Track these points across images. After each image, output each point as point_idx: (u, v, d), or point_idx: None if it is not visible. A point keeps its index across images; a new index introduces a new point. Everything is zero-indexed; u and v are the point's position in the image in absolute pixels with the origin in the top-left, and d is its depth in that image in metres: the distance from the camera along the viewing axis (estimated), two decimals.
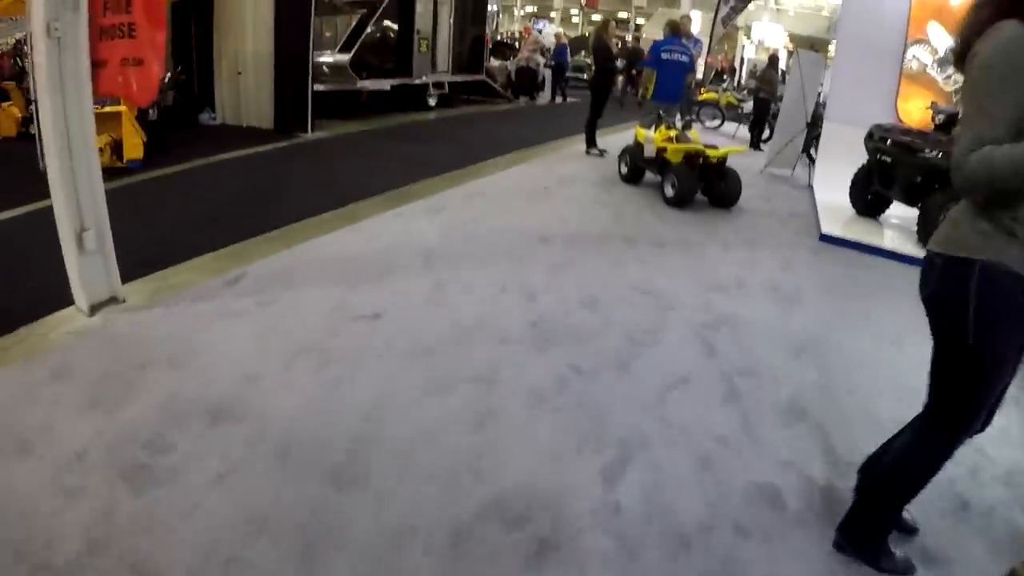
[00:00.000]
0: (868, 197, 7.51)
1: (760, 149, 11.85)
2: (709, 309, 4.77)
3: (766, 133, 12.57)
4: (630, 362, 3.86)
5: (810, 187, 9.03)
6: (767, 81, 12.38)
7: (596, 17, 32.08)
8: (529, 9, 38.91)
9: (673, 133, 7.50)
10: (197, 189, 6.85)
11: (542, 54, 17.66)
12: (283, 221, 5.72)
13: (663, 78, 8.43)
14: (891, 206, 7.55)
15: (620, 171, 8.14)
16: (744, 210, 7.53)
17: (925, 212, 6.73)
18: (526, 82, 16.42)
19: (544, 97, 16.79)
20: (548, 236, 5.86)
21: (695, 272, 5.48)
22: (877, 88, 9.21)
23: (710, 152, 7.16)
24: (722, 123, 13.85)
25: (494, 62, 17.49)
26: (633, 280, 5.13)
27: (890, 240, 7.05)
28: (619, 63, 9.23)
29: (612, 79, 9.02)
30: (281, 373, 3.34)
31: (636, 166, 7.89)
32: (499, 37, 24.66)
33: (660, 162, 7.48)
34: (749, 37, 28.33)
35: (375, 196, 6.66)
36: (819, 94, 10.25)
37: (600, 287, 4.91)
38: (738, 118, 13.73)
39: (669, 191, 7.19)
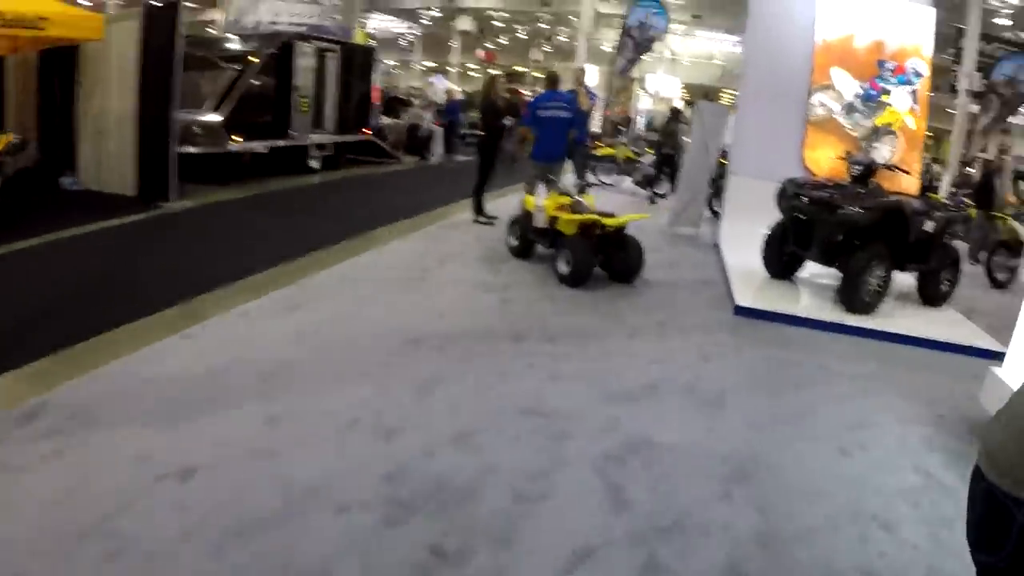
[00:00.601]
0: (783, 258, 6.80)
1: (654, 203, 11.32)
2: (615, 431, 3.76)
3: (666, 188, 12.01)
4: (513, 532, 2.81)
5: (716, 246, 8.33)
6: (669, 134, 11.88)
7: (495, 72, 31.94)
8: (429, 64, 38.46)
9: (566, 200, 6.60)
10: (17, 277, 5.45)
11: (436, 111, 16.82)
12: (109, 323, 4.45)
13: (543, 136, 7.59)
14: (805, 264, 6.87)
15: (509, 244, 7.17)
16: (648, 283, 6.67)
17: (848, 274, 6.01)
18: (416, 141, 15.48)
19: (437, 156, 15.90)
20: (420, 337, 4.77)
21: (596, 376, 4.48)
22: (782, 137, 8.71)
23: (608, 221, 6.28)
24: (619, 179, 13.25)
25: (387, 120, 16.51)
26: (520, 397, 4.06)
27: (811, 306, 6.32)
28: (508, 121, 8.26)
29: (501, 139, 8.10)
30: None
31: (526, 238, 6.94)
32: (394, 93, 23.81)
33: (552, 234, 6.56)
34: (644, 88, 28.56)
35: (226, 286, 5.41)
36: (723, 146, 9.70)
37: (478, 412, 3.82)
38: (633, 173, 13.18)
39: (563, 268, 6.25)
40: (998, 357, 5.87)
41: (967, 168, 17.17)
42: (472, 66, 37.02)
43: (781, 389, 4.64)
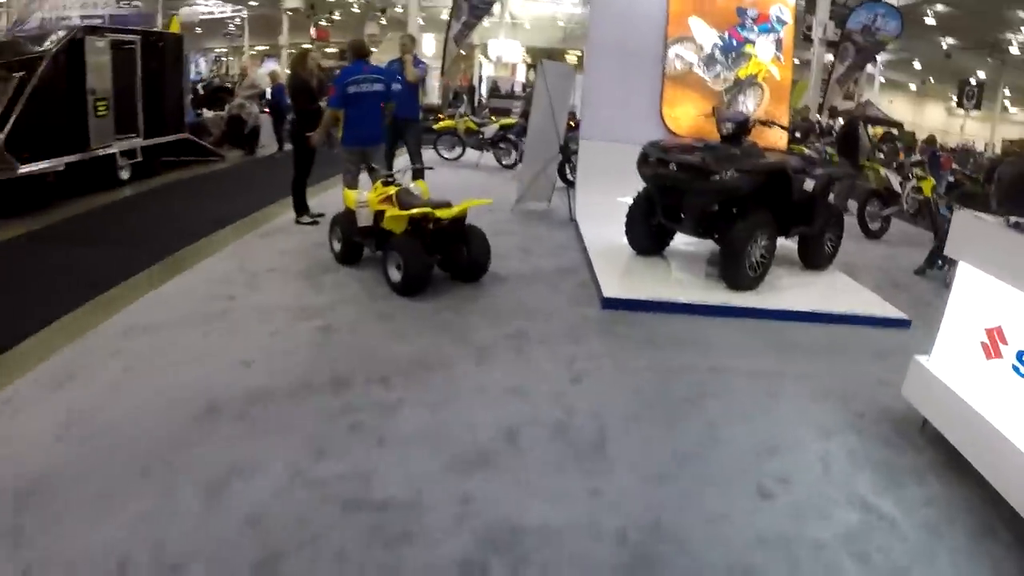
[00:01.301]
0: (650, 232, 5.87)
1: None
2: (469, 518, 2.68)
3: (512, 157, 11.00)
4: None
5: (573, 221, 7.34)
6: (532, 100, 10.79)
7: (330, 51, 29.64)
8: (261, 48, 35.52)
9: (392, 191, 5.32)
10: None
11: (261, 99, 14.87)
12: None
13: (354, 117, 6.26)
14: (675, 236, 6.00)
15: (332, 249, 5.82)
16: (499, 279, 5.53)
17: (729, 248, 5.15)
18: (240, 133, 13.56)
19: (267, 149, 14.04)
20: (218, 402, 3.38)
21: (439, 429, 3.30)
22: (637, 95, 7.83)
23: (442, 213, 5.07)
24: (463, 152, 12.07)
25: (209, 113, 14.44)
26: (341, 483, 2.84)
27: (689, 287, 5.41)
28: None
29: (317, 123, 6.66)
30: None
31: (351, 241, 5.62)
32: (217, 81, 21.46)
33: (379, 233, 5.29)
34: (486, 55, 27.41)
35: None
36: (572, 108, 8.71)
37: (287, 520, 2.61)
38: (479, 145, 12.02)
39: (394, 274, 5.00)
40: (899, 325, 5.25)
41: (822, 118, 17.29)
42: (307, 46, 34.33)
43: (674, 411, 3.65)
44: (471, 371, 3.96)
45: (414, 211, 4.99)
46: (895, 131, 13.96)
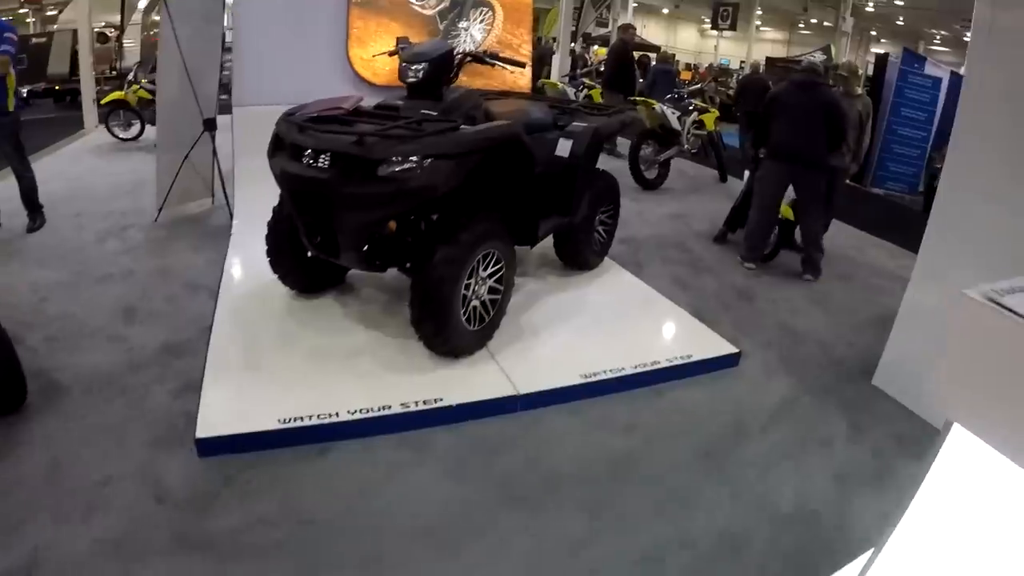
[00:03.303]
0: (308, 264, 3.40)
1: None
2: None
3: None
4: None
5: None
6: None
7: None
8: None
9: None
10: None
11: None
12: None
13: None
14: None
15: None
16: (54, 392, 2.79)
17: (425, 289, 2.83)
18: None
19: None
20: None
21: None
22: (311, 33, 5.18)
23: None
24: (142, 130, 8.75)
25: None
26: None
27: (361, 376, 3.02)
28: None
29: None
30: None
31: None
32: None
33: None
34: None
35: None
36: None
37: None
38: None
39: None
40: (725, 364, 3.30)
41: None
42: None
43: None
44: None
45: None
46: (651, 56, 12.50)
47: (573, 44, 15.26)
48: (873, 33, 29.56)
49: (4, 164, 4.90)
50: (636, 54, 9.32)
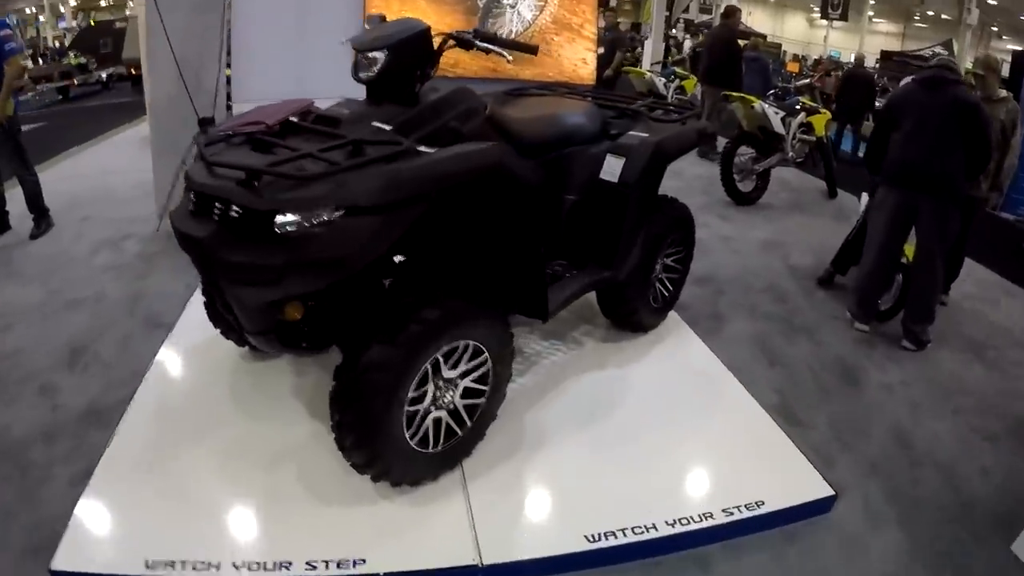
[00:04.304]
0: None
1: None
2: None
3: None
4: None
5: None
6: None
7: None
8: None
9: None
10: None
11: None
12: None
13: None
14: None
15: None
16: None
17: (346, 394, 1.83)
18: None
19: None
20: None
21: None
22: (322, 24, 4.35)
23: None
24: None
25: None
26: None
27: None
28: None
29: None
30: None
31: None
32: None
33: None
34: None
35: None
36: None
37: None
38: None
39: None
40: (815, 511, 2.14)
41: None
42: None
43: None
44: None
45: None
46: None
47: (673, 31, 13.92)
48: (995, 29, 26.19)
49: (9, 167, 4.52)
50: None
